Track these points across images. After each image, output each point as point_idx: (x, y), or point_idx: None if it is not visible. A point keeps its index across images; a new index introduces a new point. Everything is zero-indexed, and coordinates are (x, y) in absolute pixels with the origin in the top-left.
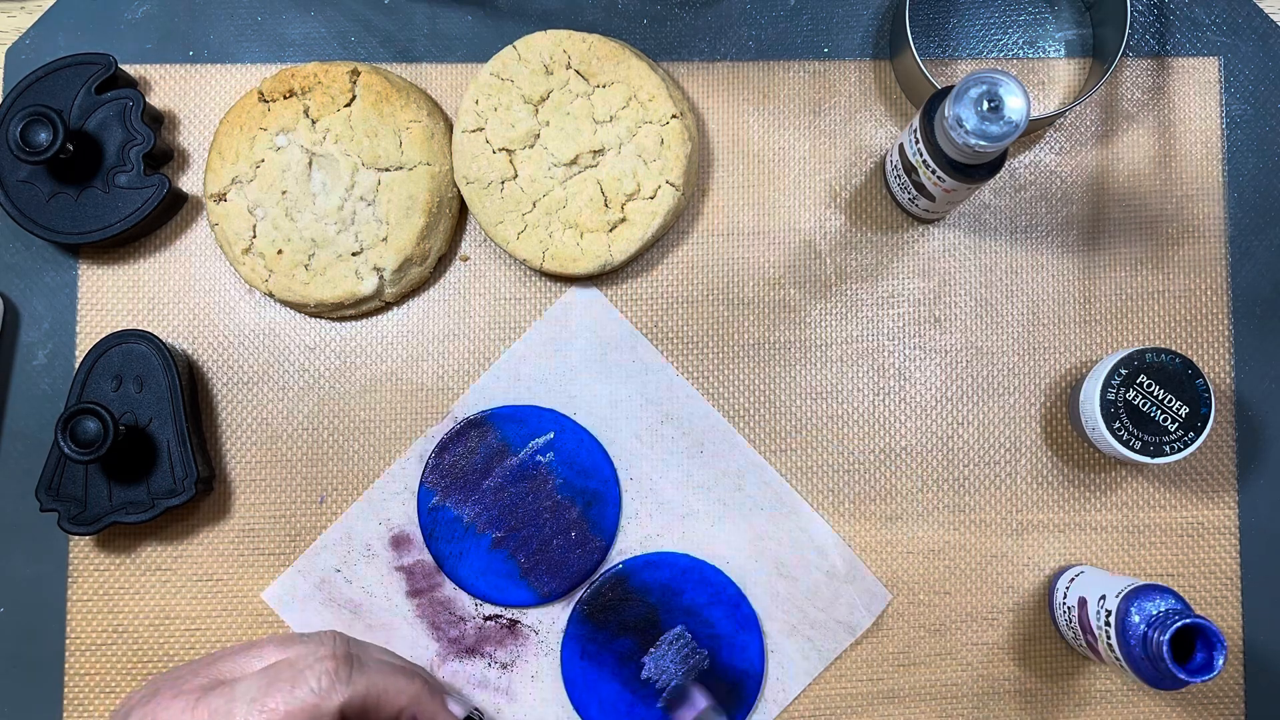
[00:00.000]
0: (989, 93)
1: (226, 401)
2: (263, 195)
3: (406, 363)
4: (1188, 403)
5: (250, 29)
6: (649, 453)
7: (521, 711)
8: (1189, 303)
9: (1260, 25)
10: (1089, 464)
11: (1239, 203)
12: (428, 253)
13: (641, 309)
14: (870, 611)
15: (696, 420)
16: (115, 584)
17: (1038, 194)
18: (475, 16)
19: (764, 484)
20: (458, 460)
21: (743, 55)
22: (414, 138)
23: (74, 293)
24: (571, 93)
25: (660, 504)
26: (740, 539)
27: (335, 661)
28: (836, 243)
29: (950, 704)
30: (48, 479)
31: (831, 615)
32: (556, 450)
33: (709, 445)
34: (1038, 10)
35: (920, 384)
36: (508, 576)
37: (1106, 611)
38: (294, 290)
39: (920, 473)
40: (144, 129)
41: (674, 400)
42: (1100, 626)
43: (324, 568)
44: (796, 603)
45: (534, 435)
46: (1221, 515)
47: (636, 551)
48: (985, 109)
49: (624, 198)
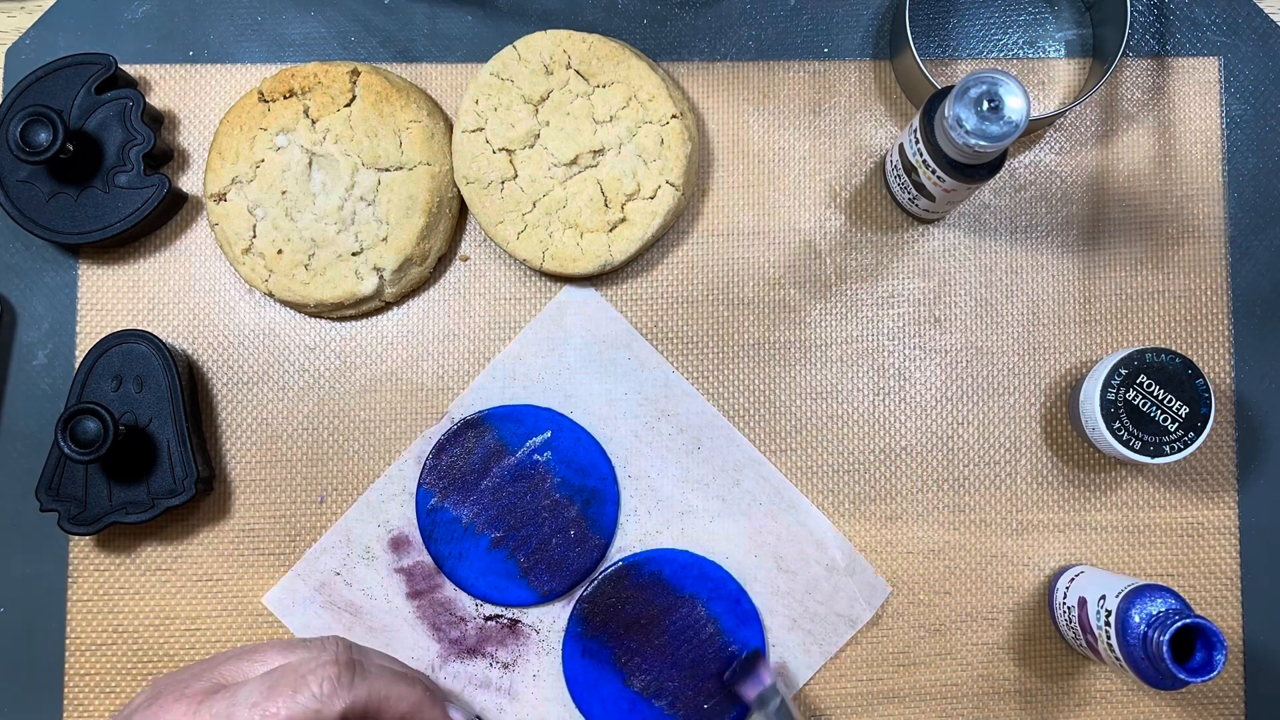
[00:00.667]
0: (989, 93)
1: (226, 401)
2: (263, 195)
3: (406, 363)
4: (1188, 403)
5: (250, 29)
6: (647, 450)
7: (524, 711)
8: (1189, 303)
9: (1260, 25)
10: (1089, 464)
11: (1239, 203)
12: (428, 253)
13: (641, 309)
14: (870, 604)
15: (693, 416)
16: (115, 584)
17: (1038, 194)
18: (475, 16)
19: (762, 479)
20: (455, 461)
21: (743, 55)
22: (414, 138)
23: (74, 293)
24: (571, 93)
25: (659, 501)
26: (739, 534)
27: (338, 667)
28: (836, 243)
29: (950, 704)
30: (48, 479)
31: (832, 609)
32: (554, 449)
33: (706, 441)
34: (1038, 10)
35: (920, 384)
36: (507, 576)
37: (1106, 611)
38: (294, 290)
39: (920, 473)
40: (144, 129)
41: (670, 397)
42: (1100, 626)
43: (323, 571)
44: (796, 597)
45: (531, 434)
46: (1221, 515)
47: (636, 548)
48: (985, 109)
49: (624, 198)
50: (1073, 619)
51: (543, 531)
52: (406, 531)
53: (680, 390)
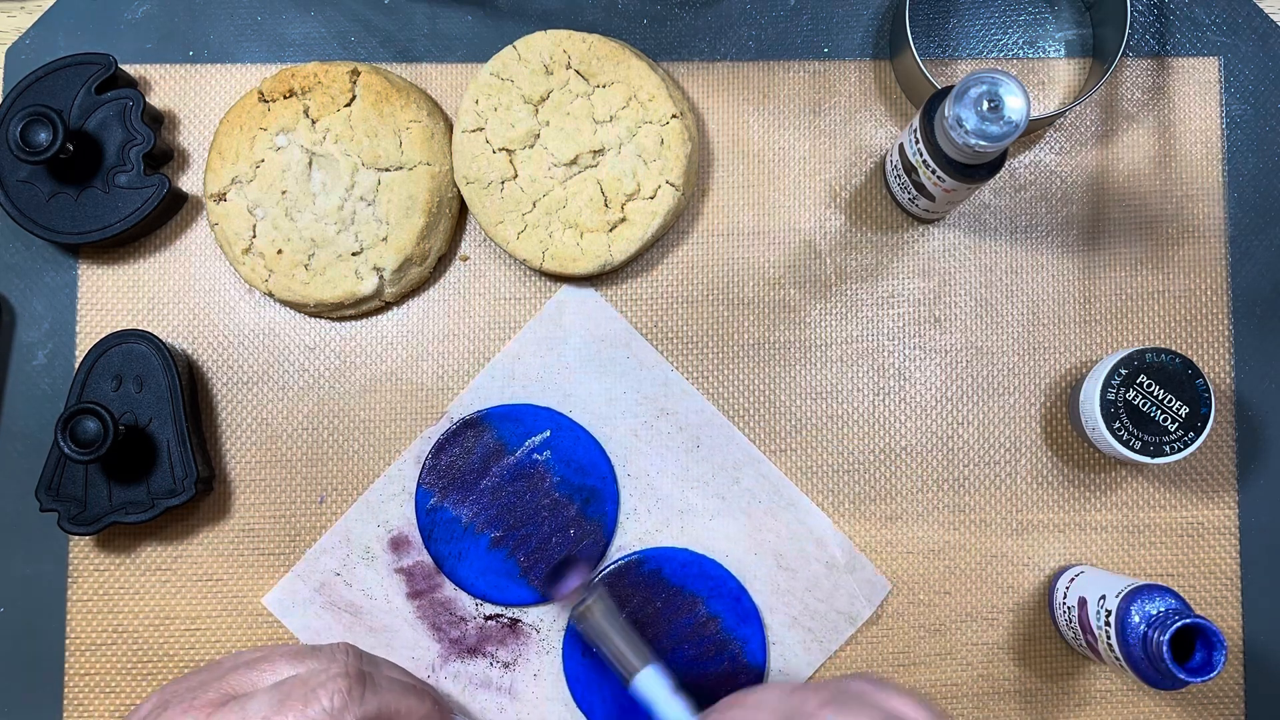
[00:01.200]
0: (989, 93)
1: (226, 401)
2: (263, 195)
3: (406, 363)
4: (1188, 403)
5: (250, 29)
6: (646, 448)
7: (525, 710)
8: (1189, 303)
9: (1260, 25)
10: (1089, 464)
11: (1239, 203)
12: (428, 253)
13: (641, 309)
14: (870, 602)
15: (692, 415)
16: (115, 584)
17: (1038, 194)
18: (475, 16)
19: (761, 477)
20: (454, 461)
21: (743, 55)
22: (414, 138)
23: (74, 293)
24: (571, 93)
25: (658, 499)
26: (739, 532)
27: (348, 680)
28: (836, 243)
29: (950, 704)
30: (48, 479)
31: (832, 606)
32: (553, 448)
33: (705, 440)
34: (1038, 10)
35: (920, 384)
36: (507, 575)
37: (1106, 611)
38: (294, 290)
39: (920, 473)
40: (144, 129)
41: (669, 395)
42: (1100, 627)
43: (323, 571)
44: (797, 595)
45: (530, 434)
46: (1221, 515)
47: (636, 547)
48: (985, 109)
49: (624, 198)
50: (1072, 619)
51: (542, 530)
52: (406, 531)
53: (679, 389)
